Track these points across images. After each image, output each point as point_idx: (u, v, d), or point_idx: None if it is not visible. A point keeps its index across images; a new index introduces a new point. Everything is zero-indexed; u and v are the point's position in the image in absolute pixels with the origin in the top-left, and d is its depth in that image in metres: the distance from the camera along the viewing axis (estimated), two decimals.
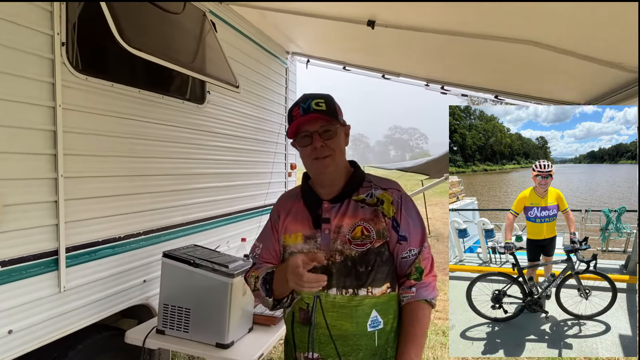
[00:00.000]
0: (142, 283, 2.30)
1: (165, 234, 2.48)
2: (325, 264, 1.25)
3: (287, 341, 1.46)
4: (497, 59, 3.25)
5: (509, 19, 2.44)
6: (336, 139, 1.32)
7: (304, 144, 1.32)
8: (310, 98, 1.31)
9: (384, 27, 2.89)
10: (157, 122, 2.39)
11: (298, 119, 1.29)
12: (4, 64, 1.59)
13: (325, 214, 1.35)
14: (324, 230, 1.33)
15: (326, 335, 1.31)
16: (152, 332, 2.02)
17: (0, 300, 1.58)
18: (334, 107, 1.33)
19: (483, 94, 4.40)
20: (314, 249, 1.33)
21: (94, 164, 1.98)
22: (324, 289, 1.30)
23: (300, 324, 1.36)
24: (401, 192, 1.40)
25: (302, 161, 1.38)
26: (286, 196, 1.51)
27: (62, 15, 1.81)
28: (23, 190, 1.66)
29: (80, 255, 1.92)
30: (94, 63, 2.03)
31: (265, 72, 3.78)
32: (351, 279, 1.30)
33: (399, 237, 1.34)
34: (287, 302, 1.38)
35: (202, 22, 2.72)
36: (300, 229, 1.37)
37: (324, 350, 1.32)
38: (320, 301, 1.31)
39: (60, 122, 1.80)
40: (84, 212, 1.93)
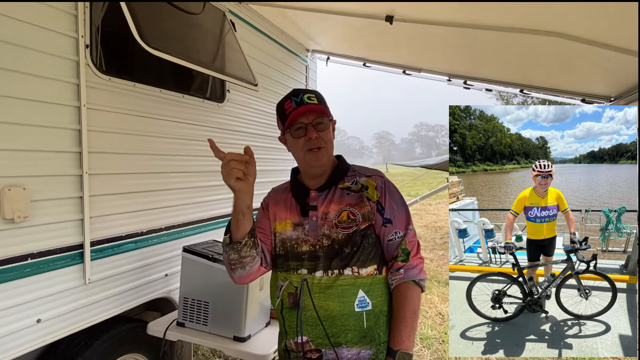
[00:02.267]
0: (164, 277, 2.37)
1: (186, 229, 2.54)
2: (250, 158, 1.21)
3: (280, 333, 1.48)
4: (522, 52, 3.16)
5: (533, 10, 2.36)
6: (328, 131, 1.37)
7: (297, 135, 1.35)
8: (301, 92, 1.36)
9: (402, 22, 2.86)
10: (178, 120, 2.45)
11: (292, 111, 1.33)
12: (33, 66, 1.67)
13: (313, 202, 1.40)
14: (311, 217, 1.38)
15: (314, 317, 1.33)
16: (173, 324, 2.08)
17: (29, 291, 1.67)
18: (324, 101, 1.38)
19: (507, 88, 4.28)
20: (302, 235, 1.39)
21: (117, 161, 2.06)
22: (311, 271, 1.34)
23: (289, 309, 1.39)
24: (384, 178, 1.45)
25: (293, 153, 1.41)
26: (276, 189, 1.56)
27: (86, 18, 1.88)
28: (50, 186, 1.74)
29: (105, 249, 2.00)
30: (116, 64, 2.10)
31: (285, 71, 3.81)
32: (337, 260, 1.34)
33: (384, 220, 1.38)
34: (243, 244, 1.27)
35: (221, 22, 2.77)
36: (289, 217, 1.43)
37: (312, 332, 1.34)
38: (308, 283, 1.35)
39: (85, 121, 1.87)
40: (108, 207, 2.01)
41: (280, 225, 1.44)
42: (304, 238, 1.39)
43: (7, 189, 1.57)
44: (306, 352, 1.35)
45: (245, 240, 1.28)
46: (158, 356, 2.25)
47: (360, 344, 1.33)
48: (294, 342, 1.38)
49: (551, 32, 2.50)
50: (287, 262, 1.41)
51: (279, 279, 1.44)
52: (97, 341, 2.00)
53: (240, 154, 1.19)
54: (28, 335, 1.68)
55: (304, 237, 1.39)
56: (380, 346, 1.34)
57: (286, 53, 3.84)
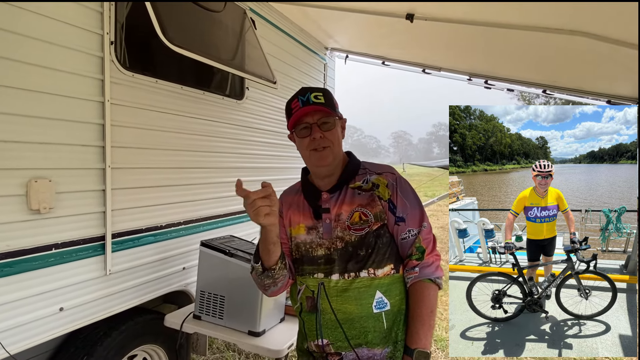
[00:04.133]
0: (182, 270, 2.41)
1: (204, 224, 2.58)
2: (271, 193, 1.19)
3: (300, 332, 1.48)
4: (546, 52, 3.09)
5: (558, 9, 2.31)
6: (334, 130, 1.35)
7: (302, 135, 1.34)
8: (309, 91, 1.34)
9: (423, 20, 2.83)
10: (198, 117, 2.49)
11: (297, 110, 1.32)
12: (60, 62, 1.72)
13: (325, 204, 1.39)
14: (324, 220, 1.37)
15: (333, 320, 1.33)
16: (189, 317, 2.12)
17: (52, 280, 1.72)
18: (331, 101, 1.36)
19: (530, 89, 4.20)
20: (317, 239, 1.38)
21: (138, 156, 2.10)
22: (327, 275, 1.33)
23: (307, 312, 1.39)
24: (396, 175, 1.42)
25: (301, 153, 1.40)
26: (288, 191, 1.54)
27: (111, 15, 1.93)
28: (74, 179, 1.79)
29: (125, 241, 2.04)
30: (139, 61, 2.15)
31: (304, 68, 3.82)
32: (352, 262, 1.33)
33: (396, 219, 1.36)
34: (276, 270, 1.31)
35: (242, 19, 2.80)
36: (303, 221, 1.42)
37: (332, 335, 1.34)
38: (324, 287, 1.34)
39: (109, 116, 1.92)
40: (129, 201, 2.06)
41: (294, 229, 1.43)
42: (318, 242, 1.38)
43: (34, 180, 1.62)
44: (327, 355, 1.36)
45: (278, 265, 1.31)
46: (174, 348, 2.29)
47: (381, 345, 1.32)
48: (314, 344, 1.38)
49: (576, 32, 2.44)
50: (302, 267, 1.41)
51: (297, 282, 1.44)
52: (116, 331, 2.05)
53: (262, 190, 1.17)
54: (51, 322, 1.73)
55: (318, 241, 1.38)
56: (398, 344, 1.34)
57: (305, 51, 3.85)
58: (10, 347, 1.58)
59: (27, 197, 1.61)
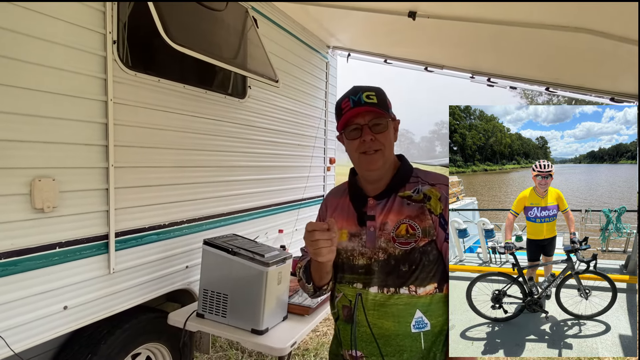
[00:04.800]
0: (185, 269, 2.41)
1: (207, 223, 2.58)
2: (333, 229, 1.18)
3: (335, 338, 1.46)
4: (549, 49, 3.08)
5: (562, 6, 2.30)
6: (386, 133, 1.27)
7: (352, 137, 1.28)
8: (360, 90, 1.27)
9: (425, 18, 2.82)
10: (200, 116, 2.49)
11: (348, 111, 1.25)
12: (63, 61, 1.72)
13: (370, 211, 1.31)
14: (369, 228, 1.30)
15: (368, 333, 1.28)
16: (193, 315, 2.12)
17: (56, 279, 1.73)
18: (385, 101, 1.29)
19: (533, 86, 4.19)
20: (359, 247, 1.31)
21: (141, 155, 2.10)
22: (366, 286, 1.28)
23: (343, 321, 1.35)
24: (448, 186, 1.34)
25: (349, 155, 1.33)
26: (334, 192, 1.49)
27: (113, 14, 1.92)
28: (77, 178, 1.80)
29: (128, 240, 2.05)
30: (142, 60, 2.15)
31: (306, 67, 3.82)
32: (393, 277, 1.26)
33: (447, 236, 1.27)
34: (327, 289, 1.39)
35: (244, 18, 2.80)
36: (346, 226, 1.35)
37: (366, 349, 1.30)
38: (362, 299, 1.29)
39: (112, 115, 1.92)
40: (132, 200, 2.06)
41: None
42: (360, 250, 1.31)
43: (38, 179, 1.63)
44: None
45: (329, 285, 1.34)
46: (178, 346, 2.30)
47: None
48: (348, 354, 1.35)
49: (580, 29, 2.43)
50: (342, 274, 1.36)
51: (335, 288, 1.40)
52: (119, 329, 2.06)
53: (322, 224, 1.15)
54: (55, 321, 1.74)
55: (360, 249, 1.31)
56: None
57: (307, 49, 3.85)
58: (14, 345, 1.58)
59: (31, 196, 1.61)
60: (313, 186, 4.00)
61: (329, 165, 4.39)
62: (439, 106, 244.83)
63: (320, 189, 4.25)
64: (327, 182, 4.37)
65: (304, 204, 3.80)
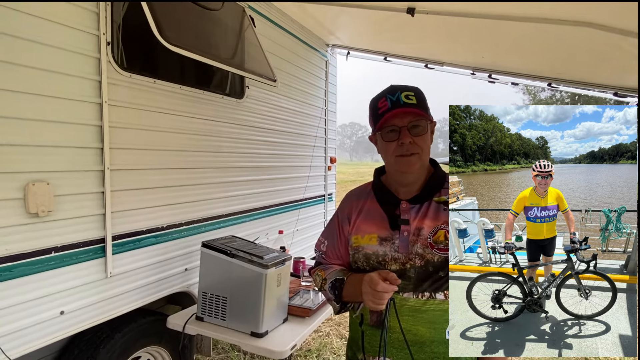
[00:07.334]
0: (184, 271, 2.39)
1: (206, 224, 2.56)
2: (396, 289, 1.15)
3: (354, 342, 1.40)
4: (550, 44, 3.04)
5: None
6: (425, 136, 1.22)
7: (389, 139, 1.22)
8: (399, 90, 1.22)
9: (424, 14, 2.79)
10: (197, 116, 2.46)
11: (386, 111, 1.20)
12: (57, 64, 1.70)
13: (404, 214, 1.26)
14: (402, 232, 1.25)
15: (400, 340, 1.24)
16: (192, 318, 2.10)
17: (53, 284, 1.71)
18: (424, 101, 1.23)
19: (535, 82, 4.14)
20: (391, 252, 1.26)
21: (137, 157, 2.08)
22: (399, 291, 1.25)
23: (370, 326, 1.30)
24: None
25: (383, 157, 1.28)
26: (356, 195, 1.42)
27: (107, 15, 1.90)
28: (73, 181, 1.78)
29: (126, 243, 2.03)
30: (137, 61, 2.13)
31: (305, 66, 3.79)
32: (429, 282, 1.23)
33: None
34: (354, 306, 1.36)
35: (240, 17, 2.77)
36: (375, 230, 1.29)
37: (397, 356, 1.25)
38: (395, 304, 1.25)
39: (107, 117, 1.90)
40: (129, 202, 2.04)
41: (364, 239, 1.31)
42: (393, 255, 1.26)
43: (32, 183, 1.61)
44: None
45: (351, 305, 1.34)
46: (178, 349, 2.28)
47: None
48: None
49: (581, 22, 2.38)
50: None
51: None
52: (118, 333, 2.04)
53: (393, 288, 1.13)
54: (52, 326, 1.72)
55: (393, 254, 1.26)
56: None
57: (306, 48, 3.82)
58: (10, 352, 1.57)
59: (25, 200, 1.59)
60: (313, 186, 3.98)
61: (330, 165, 4.37)
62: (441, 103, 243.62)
63: (321, 189, 4.23)
64: (328, 181, 4.34)
65: (305, 204, 3.77)
